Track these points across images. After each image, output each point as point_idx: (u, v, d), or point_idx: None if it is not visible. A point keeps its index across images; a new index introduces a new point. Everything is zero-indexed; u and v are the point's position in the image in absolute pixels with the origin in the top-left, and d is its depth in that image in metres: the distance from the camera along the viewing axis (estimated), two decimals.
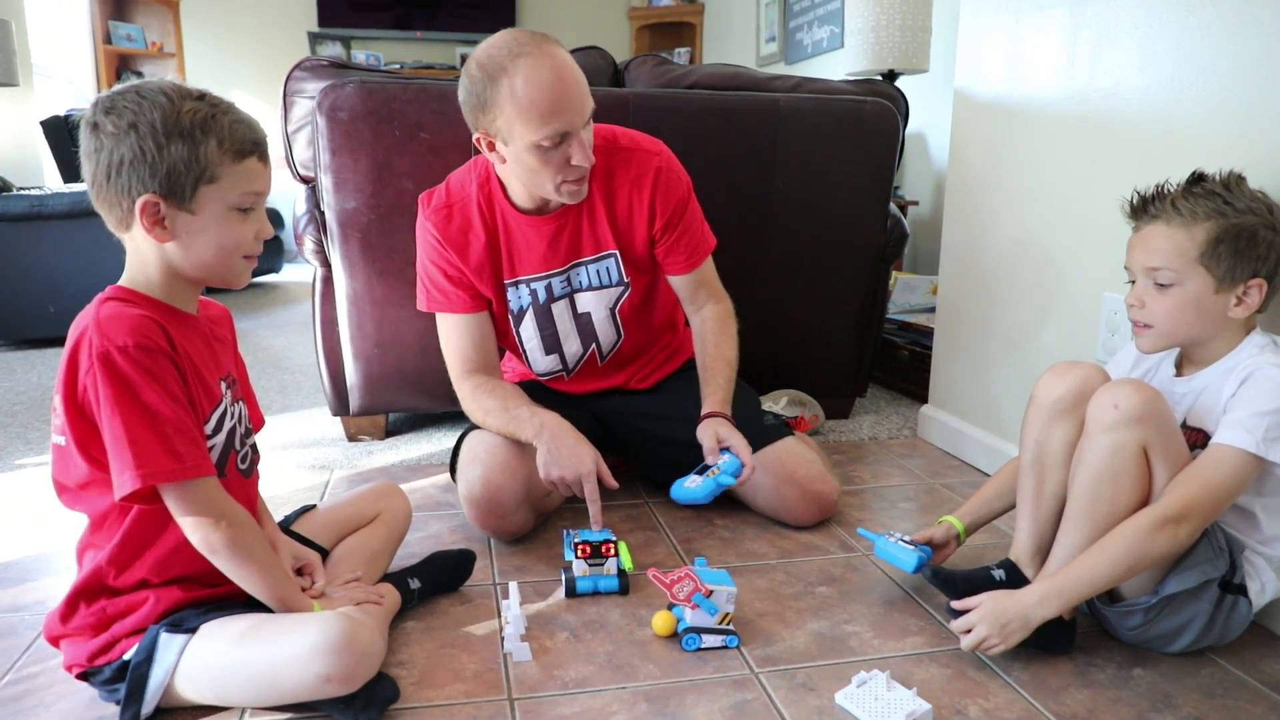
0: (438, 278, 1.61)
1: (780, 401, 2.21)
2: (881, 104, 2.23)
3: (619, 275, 1.66)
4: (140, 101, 1.00)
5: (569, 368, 1.75)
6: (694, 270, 1.68)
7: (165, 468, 0.98)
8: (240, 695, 1.07)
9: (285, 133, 2.08)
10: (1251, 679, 1.21)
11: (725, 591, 1.26)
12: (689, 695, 1.15)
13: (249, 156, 1.06)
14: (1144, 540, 1.13)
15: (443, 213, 1.59)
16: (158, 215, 1.02)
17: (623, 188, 1.60)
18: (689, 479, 1.51)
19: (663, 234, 1.63)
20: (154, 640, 1.05)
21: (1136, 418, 1.14)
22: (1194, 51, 1.47)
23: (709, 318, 1.70)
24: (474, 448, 1.59)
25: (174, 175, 1.01)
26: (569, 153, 1.44)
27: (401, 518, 1.45)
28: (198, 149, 1.01)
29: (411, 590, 1.34)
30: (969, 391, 2.15)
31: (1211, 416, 1.21)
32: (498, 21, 6.82)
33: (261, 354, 3.31)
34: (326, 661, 1.01)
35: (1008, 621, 1.17)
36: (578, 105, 1.42)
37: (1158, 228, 1.22)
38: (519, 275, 1.63)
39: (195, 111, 1.02)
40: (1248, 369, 1.18)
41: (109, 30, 5.83)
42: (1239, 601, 1.21)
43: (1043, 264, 1.86)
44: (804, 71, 4.83)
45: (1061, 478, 1.29)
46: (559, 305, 1.67)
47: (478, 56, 1.43)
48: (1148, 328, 1.25)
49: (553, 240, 1.60)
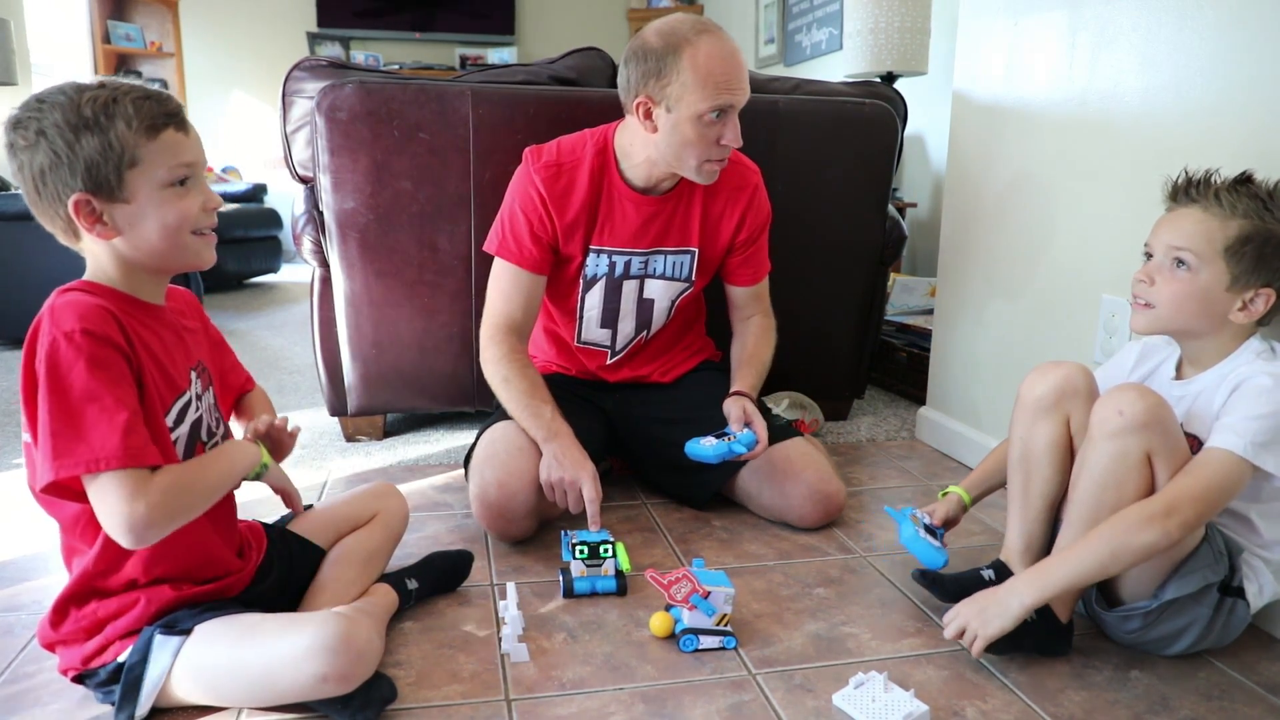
0: (521, 229, 1.65)
1: (781, 404, 2.20)
2: (880, 106, 2.23)
3: (689, 272, 1.75)
4: (41, 106, 0.99)
5: (615, 349, 1.79)
6: (755, 285, 1.83)
7: (87, 458, 0.94)
8: (236, 695, 1.07)
9: (284, 133, 2.08)
10: (1249, 681, 1.21)
11: (723, 593, 1.26)
12: (686, 696, 1.15)
13: (164, 129, 1.02)
14: (1128, 532, 1.12)
15: (551, 169, 1.64)
16: (94, 213, 1.00)
17: (723, 192, 1.71)
18: (705, 439, 1.58)
19: (742, 246, 1.77)
20: (149, 642, 1.04)
21: (1142, 424, 1.13)
22: (1192, 54, 1.47)
23: (754, 327, 1.84)
24: (493, 448, 1.59)
25: (93, 168, 0.98)
26: (723, 131, 1.53)
27: (399, 518, 1.45)
28: (108, 135, 0.98)
29: (409, 591, 1.34)
30: (967, 393, 2.15)
31: (1204, 423, 1.21)
32: (496, 22, 6.87)
33: (260, 354, 3.31)
34: (323, 661, 1.01)
35: (986, 608, 1.18)
36: (744, 86, 1.52)
37: (1193, 211, 1.22)
38: (605, 245, 1.69)
39: (95, 99, 0.99)
40: (1240, 377, 1.18)
41: (108, 30, 5.82)
42: (1237, 604, 1.21)
43: (1041, 266, 1.86)
44: (803, 73, 4.83)
45: (1047, 475, 1.30)
46: (629, 285, 1.73)
47: (656, 28, 1.53)
48: (1148, 307, 1.25)
49: (646, 222, 1.69)
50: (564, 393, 1.76)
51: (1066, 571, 1.15)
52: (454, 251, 2.03)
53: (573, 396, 1.78)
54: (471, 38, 6.68)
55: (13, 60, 3.86)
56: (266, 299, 4.77)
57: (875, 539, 1.66)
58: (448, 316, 2.05)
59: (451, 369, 2.12)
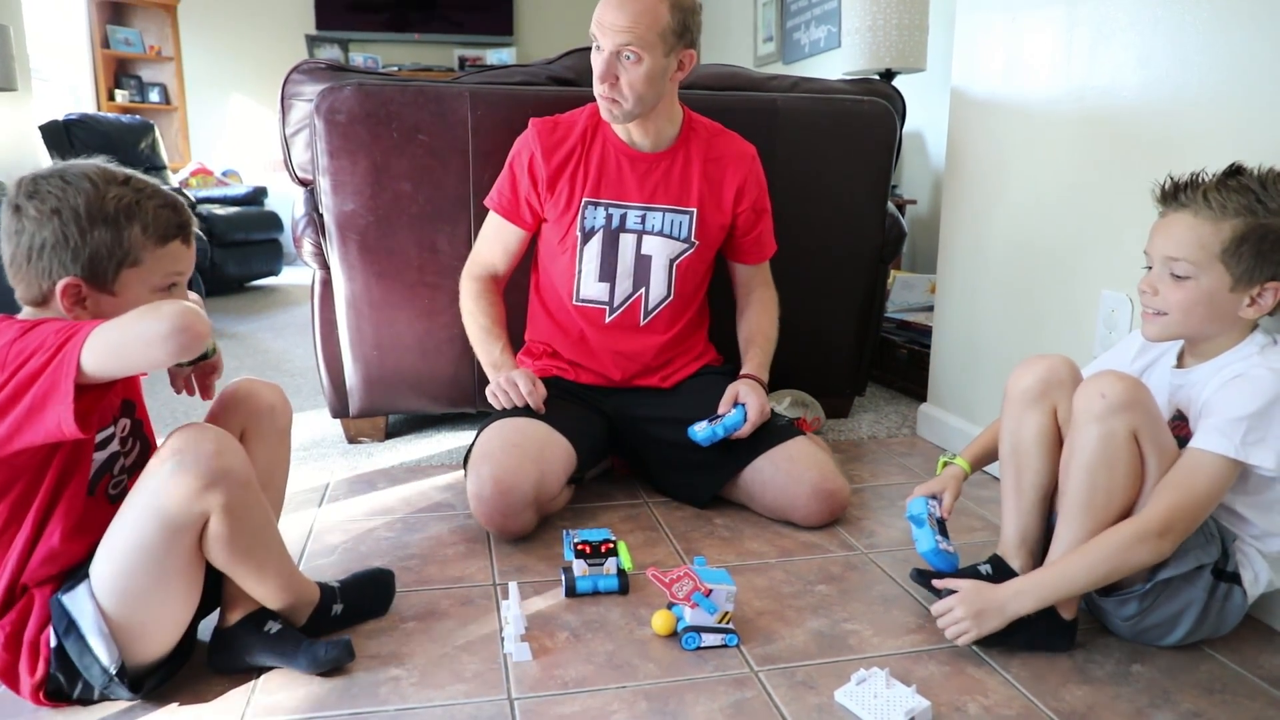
0: (511, 185, 1.78)
1: (784, 402, 2.21)
2: (879, 103, 2.23)
3: (689, 232, 1.79)
4: (65, 187, 1.02)
5: (613, 305, 1.80)
6: (760, 264, 1.93)
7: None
8: (143, 560, 1.04)
9: (283, 135, 2.09)
10: (1250, 674, 1.21)
11: (724, 590, 1.26)
12: (688, 694, 1.15)
13: (173, 240, 1.08)
14: (1124, 551, 1.15)
15: (549, 124, 1.77)
16: (79, 296, 1.03)
17: (723, 157, 1.80)
18: (699, 423, 1.68)
19: (745, 220, 1.84)
20: (61, 608, 1.05)
21: (1125, 404, 1.15)
22: (1190, 49, 1.47)
23: (758, 300, 1.92)
24: (489, 445, 1.60)
25: (96, 260, 1.02)
26: (600, 64, 1.63)
27: (271, 423, 1.25)
28: (122, 234, 1.03)
29: (332, 615, 1.27)
30: (967, 390, 2.15)
31: (1197, 409, 1.22)
32: (495, 24, 6.87)
33: (261, 356, 3.32)
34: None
35: (983, 608, 1.20)
36: (610, 21, 1.59)
37: (1184, 217, 1.20)
38: (601, 197, 1.75)
39: (120, 198, 1.03)
40: (1235, 370, 1.18)
41: (107, 34, 5.83)
42: (1233, 590, 1.22)
43: (1041, 262, 1.86)
44: (801, 71, 4.83)
45: (1038, 466, 1.32)
46: (627, 238, 1.77)
47: None
48: (1160, 315, 1.24)
49: (643, 177, 1.76)
50: (565, 393, 1.77)
51: (1065, 585, 1.19)
52: (454, 252, 2.03)
53: (573, 397, 1.79)
54: (470, 39, 6.68)
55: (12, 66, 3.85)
56: (267, 302, 4.77)
57: (877, 536, 1.67)
58: (448, 317, 2.05)
59: (453, 370, 2.13)
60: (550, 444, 1.63)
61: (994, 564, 1.35)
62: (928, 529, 1.40)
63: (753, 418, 1.68)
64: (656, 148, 1.76)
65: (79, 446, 1.06)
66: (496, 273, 1.84)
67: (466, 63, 6.65)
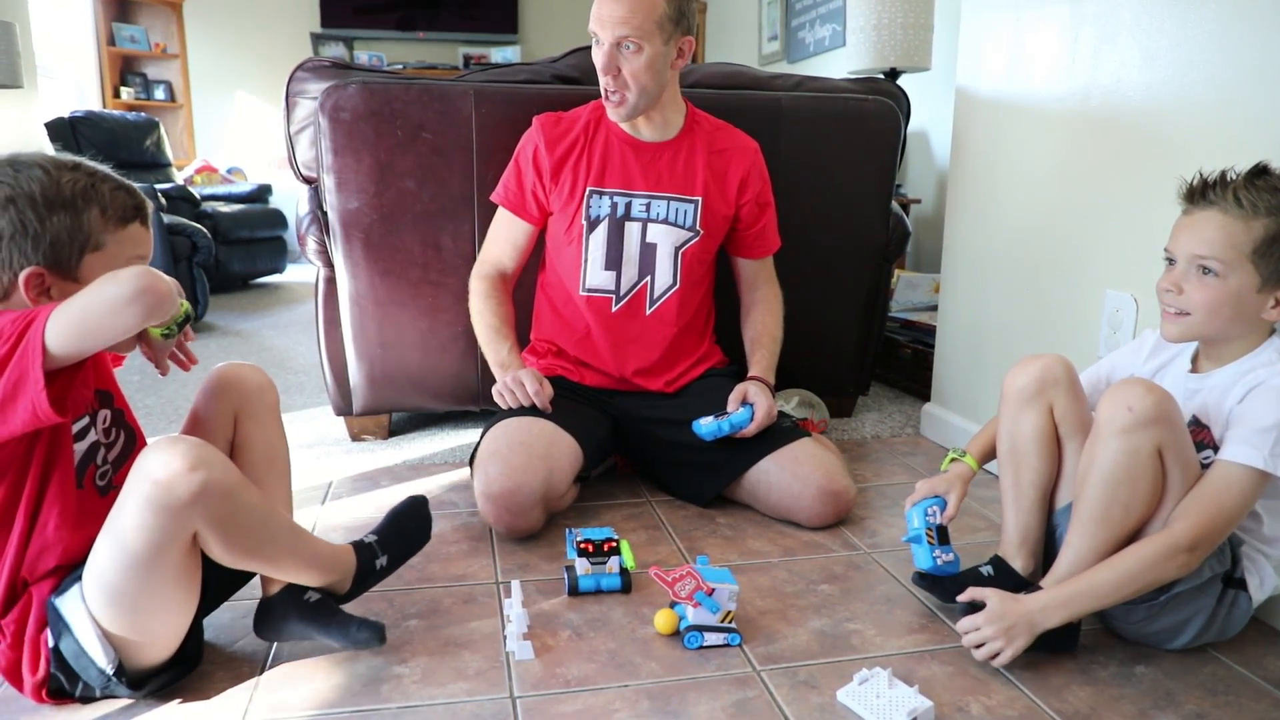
0: (517, 178, 1.80)
1: (791, 401, 2.21)
2: (883, 102, 2.23)
3: (694, 221, 1.80)
4: (16, 175, 1.01)
5: (620, 294, 1.81)
6: (764, 260, 1.94)
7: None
8: (128, 574, 1.02)
9: (288, 133, 2.09)
10: (1254, 676, 1.21)
11: (727, 589, 1.26)
12: (691, 693, 1.15)
13: (131, 222, 1.07)
14: (1155, 566, 1.13)
15: (552, 118, 1.80)
16: (43, 286, 1.02)
17: (728, 150, 1.82)
18: (705, 419, 1.69)
19: (749, 212, 1.85)
20: (55, 611, 1.05)
21: (1152, 419, 1.12)
22: (1195, 48, 1.47)
23: (763, 297, 1.92)
24: (496, 444, 1.60)
25: (58, 246, 1.02)
26: (601, 58, 1.66)
27: (260, 401, 1.27)
28: (81, 218, 1.02)
29: (377, 570, 1.27)
30: (971, 389, 2.15)
31: (1217, 417, 1.21)
32: (499, 22, 6.87)
33: (265, 354, 3.32)
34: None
35: (1013, 625, 1.16)
36: (606, 15, 1.62)
37: (1212, 215, 1.18)
38: (606, 186, 1.76)
39: (75, 182, 1.03)
40: (1258, 377, 1.17)
41: (112, 32, 5.84)
42: (1239, 596, 1.21)
43: (1045, 261, 1.86)
44: (806, 70, 4.82)
45: (1035, 465, 1.31)
46: (632, 226, 1.78)
47: None
48: (1182, 315, 1.21)
49: (648, 165, 1.78)
50: (569, 393, 1.77)
51: (1093, 601, 1.17)
52: (458, 250, 2.03)
53: (577, 397, 1.79)
54: (474, 37, 6.68)
55: (18, 63, 3.86)
56: (271, 299, 4.78)
57: (880, 535, 1.66)
58: (452, 315, 2.05)
59: (456, 368, 2.13)
60: (557, 442, 1.63)
61: (995, 565, 1.35)
62: (924, 546, 1.39)
63: (759, 419, 1.68)
64: (661, 137, 1.78)
65: (57, 438, 1.05)
66: (505, 271, 1.84)
67: (471, 61, 6.66)
